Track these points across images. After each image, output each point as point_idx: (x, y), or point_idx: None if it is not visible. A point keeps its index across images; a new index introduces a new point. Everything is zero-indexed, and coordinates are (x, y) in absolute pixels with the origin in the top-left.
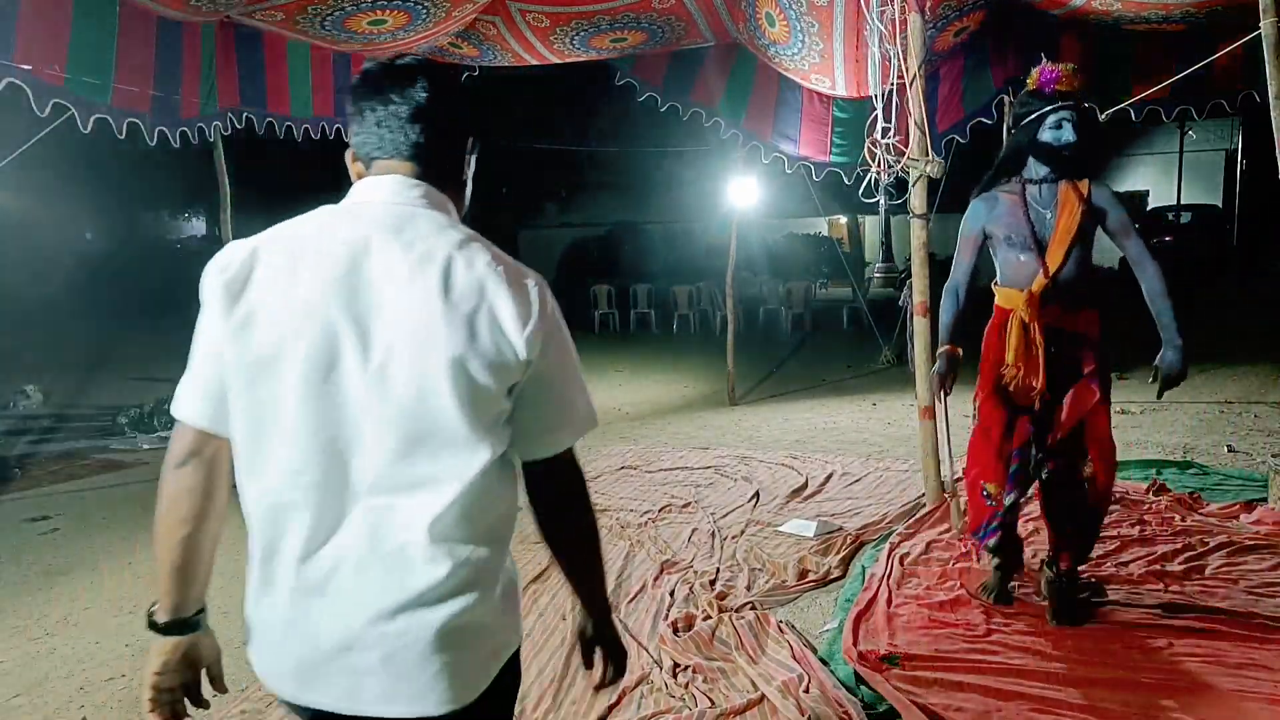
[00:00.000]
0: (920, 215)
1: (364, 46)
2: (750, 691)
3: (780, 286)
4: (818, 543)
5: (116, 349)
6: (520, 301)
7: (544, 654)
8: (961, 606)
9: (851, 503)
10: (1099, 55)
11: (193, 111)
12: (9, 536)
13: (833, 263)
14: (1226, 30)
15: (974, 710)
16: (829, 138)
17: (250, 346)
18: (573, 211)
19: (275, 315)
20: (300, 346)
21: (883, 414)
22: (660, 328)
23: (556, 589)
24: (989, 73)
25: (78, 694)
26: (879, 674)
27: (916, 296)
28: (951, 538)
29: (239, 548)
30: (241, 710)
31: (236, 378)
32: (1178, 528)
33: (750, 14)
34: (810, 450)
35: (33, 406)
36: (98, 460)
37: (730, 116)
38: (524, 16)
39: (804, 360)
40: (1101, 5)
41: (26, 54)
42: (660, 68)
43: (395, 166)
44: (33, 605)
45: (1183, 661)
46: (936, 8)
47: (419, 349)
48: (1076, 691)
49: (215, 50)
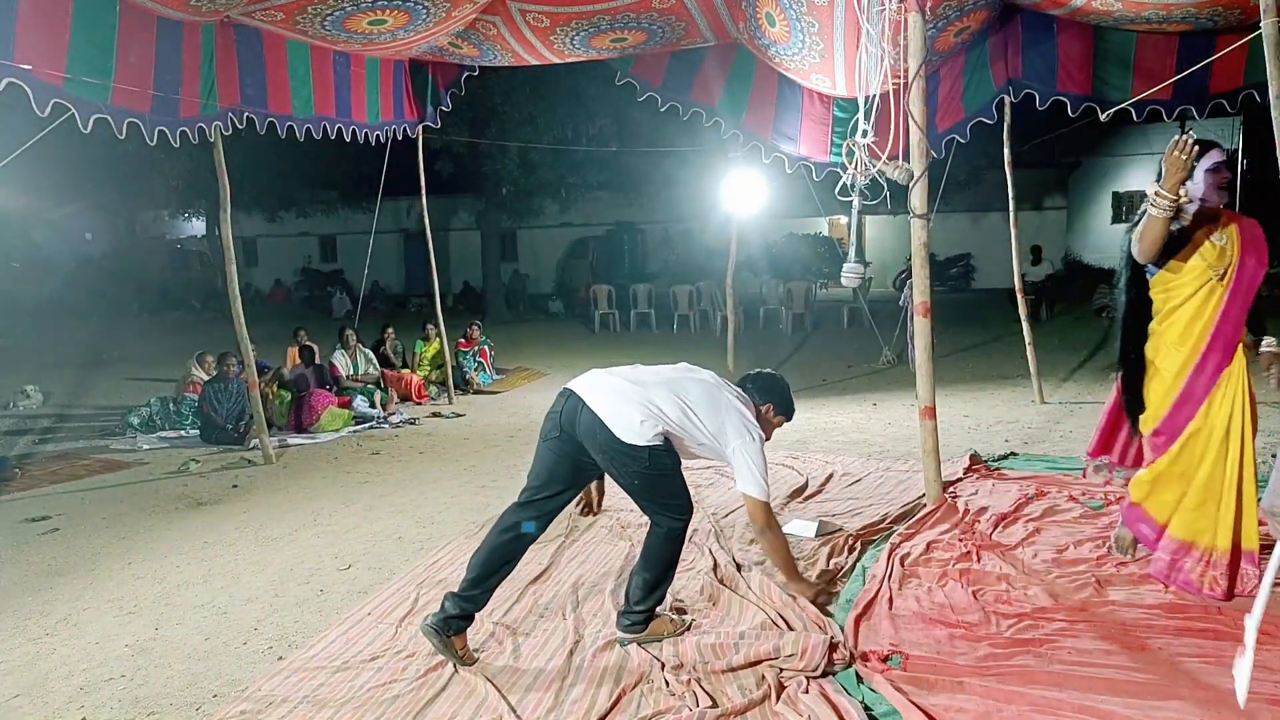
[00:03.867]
0: (920, 215)
1: (364, 46)
2: (751, 691)
3: (780, 286)
4: (818, 543)
5: (116, 348)
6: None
7: (545, 653)
8: (962, 607)
9: (852, 503)
10: (1099, 55)
11: (193, 111)
12: (9, 536)
13: (833, 263)
14: (1227, 30)
15: (975, 711)
16: (829, 137)
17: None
18: (573, 211)
19: None
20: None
21: (883, 414)
22: (660, 328)
23: (557, 588)
24: (989, 73)
25: (78, 694)
26: (879, 674)
27: (917, 296)
28: (952, 538)
29: (238, 546)
30: (241, 711)
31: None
32: None
33: (750, 14)
34: (811, 450)
35: (33, 406)
36: (98, 460)
37: (730, 116)
38: (524, 16)
39: (804, 360)
40: (1102, 5)
41: (26, 54)
42: (660, 67)
43: None
44: (33, 605)
45: (1183, 661)
46: (937, 8)
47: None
48: (1077, 692)
49: (215, 50)
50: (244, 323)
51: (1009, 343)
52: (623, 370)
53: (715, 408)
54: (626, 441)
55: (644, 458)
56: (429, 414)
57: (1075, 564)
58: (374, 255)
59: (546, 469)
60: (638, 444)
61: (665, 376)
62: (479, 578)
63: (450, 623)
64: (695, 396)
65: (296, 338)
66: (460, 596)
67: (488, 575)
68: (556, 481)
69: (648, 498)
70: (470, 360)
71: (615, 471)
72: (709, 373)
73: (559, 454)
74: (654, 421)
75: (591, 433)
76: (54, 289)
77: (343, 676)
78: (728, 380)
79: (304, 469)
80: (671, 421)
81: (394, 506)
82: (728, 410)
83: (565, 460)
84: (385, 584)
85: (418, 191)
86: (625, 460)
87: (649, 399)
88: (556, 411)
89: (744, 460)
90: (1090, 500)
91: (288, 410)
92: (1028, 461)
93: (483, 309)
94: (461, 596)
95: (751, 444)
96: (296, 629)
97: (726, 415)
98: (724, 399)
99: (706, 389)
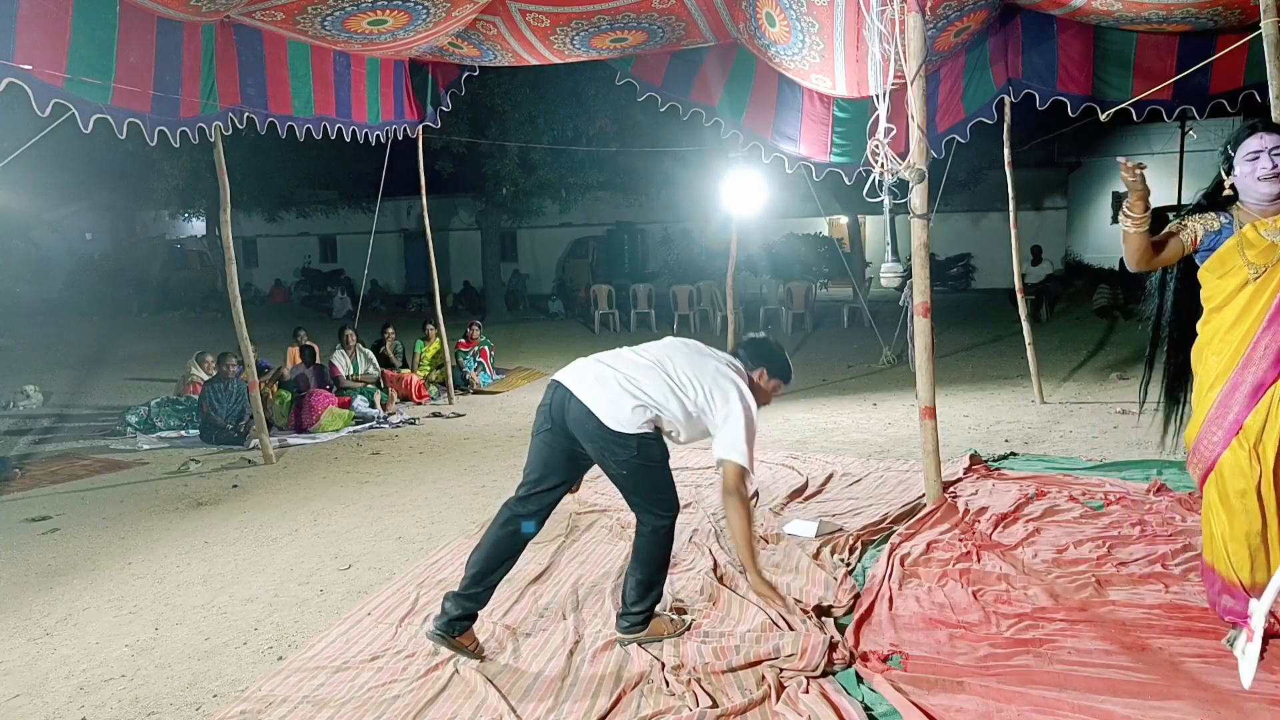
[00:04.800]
0: (921, 215)
1: (364, 46)
2: (751, 691)
3: (780, 286)
4: (818, 543)
5: (116, 348)
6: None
7: (545, 653)
8: (962, 607)
9: (852, 503)
10: (1099, 55)
11: (193, 111)
12: (9, 536)
13: (833, 263)
14: (1227, 30)
15: (975, 711)
16: (829, 137)
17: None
18: (573, 211)
19: None
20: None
21: (883, 414)
22: (660, 327)
23: (557, 588)
24: (989, 73)
25: (78, 694)
26: (879, 674)
27: (917, 296)
28: (952, 538)
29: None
30: (241, 711)
31: None
32: (1178, 528)
33: (750, 14)
34: (811, 450)
35: (33, 406)
36: (98, 460)
37: (730, 116)
38: (524, 17)
39: (804, 360)
40: (1102, 5)
41: (26, 54)
42: (660, 68)
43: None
44: (33, 605)
45: (1183, 661)
46: (937, 8)
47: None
48: (1077, 692)
49: (216, 50)
50: (244, 323)
51: (1009, 343)
52: (608, 356)
53: (701, 379)
54: (615, 430)
55: (633, 446)
56: (429, 414)
57: (1075, 564)
58: (374, 255)
59: (541, 462)
60: (626, 432)
61: (651, 356)
62: (479, 574)
63: (454, 624)
64: (681, 370)
65: (296, 338)
66: (461, 595)
67: (488, 572)
68: (552, 475)
69: (635, 489)
70: (470, 360)
71: (604, 461)
72: (697, 343)
73: (552, 446)
74: (642, 409)
75: (580, 422)
76: (54, 289)
77: (343, 676)
78: (718, 350)
79: (304, 469)
80: (658, 404)
81: (394, 506)
82: (715, 379)
83: (559, 452)
84: (385, 584)
85: (418, 191)
86: (614, 449)
87: (635, 384)
88: (546, 404)
89: (729, 426)
90: (1090, 500)
91: (288, 410)
92: (1028, 461)
93: (483, 309)
94: (463, 595)
95: (739, 410)
96: (296, 629)
97: (714, 384)
98: (710, 368)
99: (693, 361)
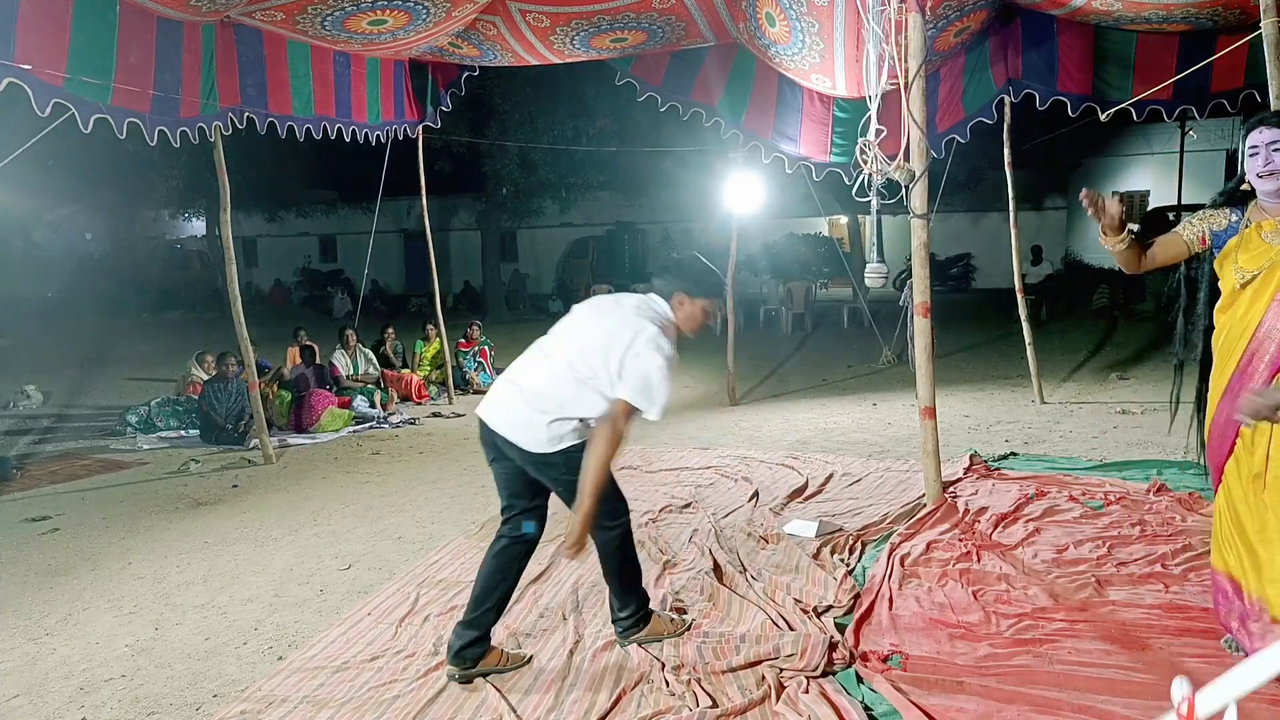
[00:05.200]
0: (920, 215)
1: (364, 46)
2: (751, 691)
3: (780, 286)
4: (818, 542)
5: (116, 348)
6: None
7: (545, 652)
8: (962, 607)
9: (852, 503)
10: (1099, 55)
11: (193, 111)
12: (9, 536)
13: (833, 263)
14: (1227, 30)
15: (975, 711)
16: (829, 137)
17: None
18: (573, 211)
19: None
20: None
21: (883, 414)
22: None
23: (557, 588)
24: (989, 73)
25: (78, 694)
26: (879, 674)
27: (917, 296)
28: (952, 538)
29: (238, 546)
30: (241, 711)
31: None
32: (1178, 528)
33: (750, 14)
34: (811, 450)
35: (33, 406)
36: (98, 460)
37: (730, 116)
38: (524, 16)
39: (804, 360)
40: (1102, 5)
41: (27, 54)
42: (660, 67)
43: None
44: (33, 605)
45: (1183, 661)
46: (937, 8)
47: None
48: (1077, 692)
49: (215, 50)
50: (244, 323)
51: (1009, 343)
52: (516, 367)
53: (610, 342)
54: (538, 452)
55: (559, 463)
56: (429, 414)
57: (1075, 564)
58: (374, 255)
59: (507, 488)
60: (548, 451)
61: (551, 345)
62: (481, 595)
63: (465, 653)
64: (586, 346)
65: (296, 338)
66: (464, 624)
67: (490, 590)
68: (522, 496)
69: (575, 502)
70: (470, 360)
71: (543, 479)
72: (610, 297)
73: (508, 472)
74: (557, 423)
75: (509, 448)
76: (54, 289)
77: (343, 676)
78: (632, 294)
79: (304, 469)
80: (568, 405)
81: (394, 506)
82: (619, 332)
83: (516, 476)
84: (385, 584)
85: (418, 191)
86: (544, 469)
87: (538, 398)
88: (481, 438)
89: (627, 370)
90: (1090, 500)
91: (288, 410)
92: (1028, 461)
93: (483, 309)
94: (464, 623)
95: (641, 353)
96: (296, 629)
97: (618, 338)
98: (615, 322)
99: (599, 325)
